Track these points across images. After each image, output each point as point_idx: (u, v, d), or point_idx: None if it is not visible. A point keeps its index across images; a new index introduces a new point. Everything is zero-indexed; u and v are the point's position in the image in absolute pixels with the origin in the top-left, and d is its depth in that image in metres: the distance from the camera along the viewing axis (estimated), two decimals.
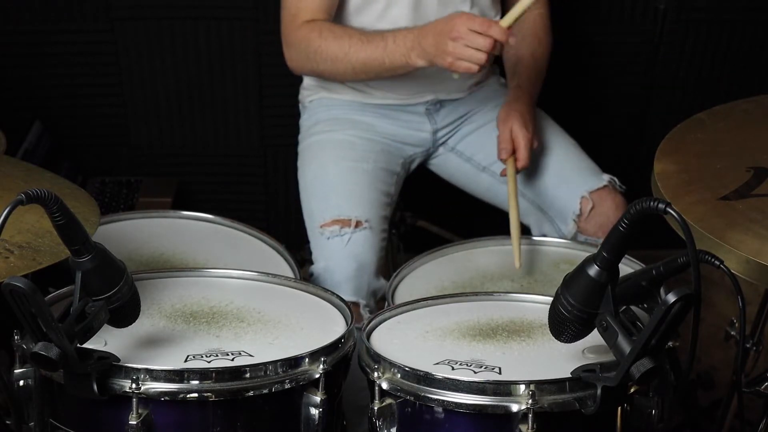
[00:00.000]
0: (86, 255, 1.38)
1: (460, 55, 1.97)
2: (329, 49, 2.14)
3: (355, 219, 2.14)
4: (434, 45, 2.01)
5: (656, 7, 2.84)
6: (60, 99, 2.89)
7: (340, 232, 2.13)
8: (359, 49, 2.12)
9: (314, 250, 2.20)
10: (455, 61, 1.98)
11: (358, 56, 2.12)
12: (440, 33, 2.00)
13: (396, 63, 2.10)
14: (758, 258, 1.43)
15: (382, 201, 2.25)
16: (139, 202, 2.84)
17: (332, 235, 2.13)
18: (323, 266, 2.14)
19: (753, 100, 1.95)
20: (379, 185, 2.26)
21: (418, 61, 2.06)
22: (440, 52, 2.00)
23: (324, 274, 2.13)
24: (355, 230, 2.13)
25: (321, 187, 2.25)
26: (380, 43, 2.10)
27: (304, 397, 1.51)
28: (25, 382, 1.53)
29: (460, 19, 1.98)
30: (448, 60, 1.99)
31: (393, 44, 2.08)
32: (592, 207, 2.22)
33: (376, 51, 2.10)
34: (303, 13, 2.18)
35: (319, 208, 2.20)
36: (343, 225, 2.13)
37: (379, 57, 2.10)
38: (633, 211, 1.33)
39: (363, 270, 2.11)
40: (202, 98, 2.91)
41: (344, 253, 2.12)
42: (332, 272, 2.12)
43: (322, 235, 2.15)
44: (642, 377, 1.37)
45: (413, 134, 2.39)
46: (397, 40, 2.08)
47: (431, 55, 2.03)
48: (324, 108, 2.39)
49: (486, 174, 2.38)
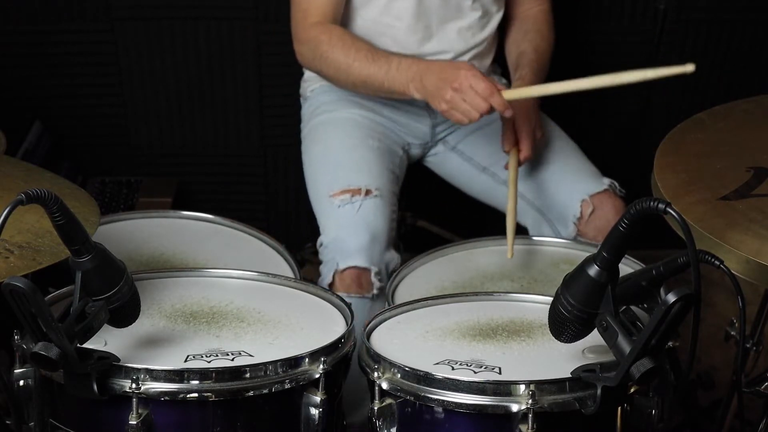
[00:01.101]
0: (86, 255, 1.38)
1: (456, 106, 2.02)
2: (334, 57, 2.16)
3: (366, 187, 2.13)
4: (434, 87, 2.04)
5: (656, 7, 2.85)
6: (60, 99, 2.89)
7: (351, 199, 2.12)
8: (362, 66, 2.14)
9: (323, 221, 2.17)
10: (450, 109, 2.03)
11: (360, 72, 2.14)
12: (444, 79, 2.03)
13: (394, 89, 2.13)
14: (758, 258, 1.43)
15: (389, 176, 2.24)
16: (139, 202, 2.84)
17: (343, 204, 2.12)
18: (334, 235, 2.11)
19: (753, 100, 1.95)
20: (386, 162, 2.26)
21: (415, 94, 2.10)
22: (438, 96, 2.04)
23: (335, 243, 2.10)
24: (366, 198, 2.12)
25: (327, 162, 2.24)
26: (384, 65, 2.12)
27: (304, 397, 1.51)
28: (25, 382, 1.53)
29: (467, 72, 2.01)
30: (443, 106, 2.04)
31: (395, 71, 2.11)
32: (593, 210, 2.22)
33: (379, 72, 2.12)
34: (313, 9, 2.19)
35: (326, 181, 2.19)
36: (353, 193, 2.13)
37: (379, 78, 2.13)
38: (633, 211, 1.33)
39: (375, 237, 2.09)
40: (202, 98, 2.91)
41: (355, 220, 2.09)
42: (343, 240, 2.09)
43: (332, 204, 2.13)
44: (642, 377, 1.37)
45: (413, 124, 2.38)
46: (401, 67, 2.11)
47: (429, 94, 2.06)
48: (326, 93, 2.39)
49: (485, 175, 2.38)
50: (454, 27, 2.27)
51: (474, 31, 2.30)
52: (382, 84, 2.13)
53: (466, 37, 2.29)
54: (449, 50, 2.27)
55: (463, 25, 2.28)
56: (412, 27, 2.24)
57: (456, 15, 2.26)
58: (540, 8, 2.40)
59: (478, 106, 2.00)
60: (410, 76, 2.09)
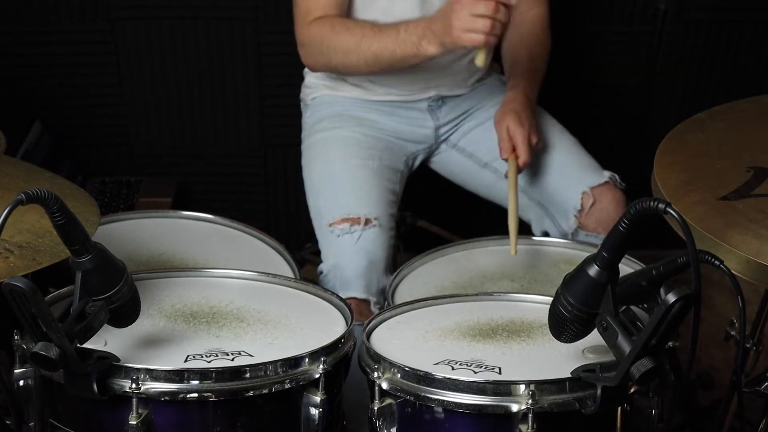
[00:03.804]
0: (86, 255, 1.38)
1: (465, 25, 1.96)
2: (341, 41, 2.15)
3: (365, 217, 2.14)
4: (442, 26, 2.01)
5: (656, 7, 2.85)
6: (60, 99, 2.89)
7: (350, 229, 2.13)
8: (371, 40, 2.12)
9: (323, 249, 2.20)
10: (461, 33, 1.97)
11: (371, 47, 2.12)
12: (445, 14, 2.00)
13: (407, 52, 2.09)
14: (758, 258, 1.43)
15: (389, 199, 2.25)
16: (139, 202, 2.84)
17: (342, 233, 2.13)
18: (333, 264, 2.14)
19: (753, 100, 1.95)
20: (386, 183, 2.27)
21: (429, 48, 2.05)
22: (448, 30, 1.99)
23: (334, 272, 2.13)
24: (365, 228, 2.13)
25: (328, 185, 2.25)
26: (392, 33, 2.10)
27: (304, 397, 1.51)
28: (25, 382, 1.53)
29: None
30: (454, 33, 1.98)
31: (404, 33, 2.09)
32: (593, 202, 2.23)
33: (388, 41, 2.10)
34: (314, 9, 2.19)
35: (327, 207, 2.20)
36: (353, 223, 2.14)
37: (390, 47, 2.10)
38: (633, 211, 1.33)
39: (373, 267, 2.11)
40: (202, 98, 2.91)
41: (354, 250, 2.12)
42: (342, 269, 2.11)
43: (332, 233, 2.15)
44: (642, 377, 1.37)
45: (416, 131, 2.39)
46: (408, 29, 2.09)
47: (440, 35, 2.02)
48: (327, 105, 2.39)
49: (487, 170, 2.38)
50: None
51: None
52: (394, 52, 2.11)
53: None
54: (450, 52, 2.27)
55: None
56: None
57: None
58: (536, 11, 2.40)
59: (484, 10, 1.94)
60: (420, 32, 2.06)
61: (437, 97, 2.38)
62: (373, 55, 2.13)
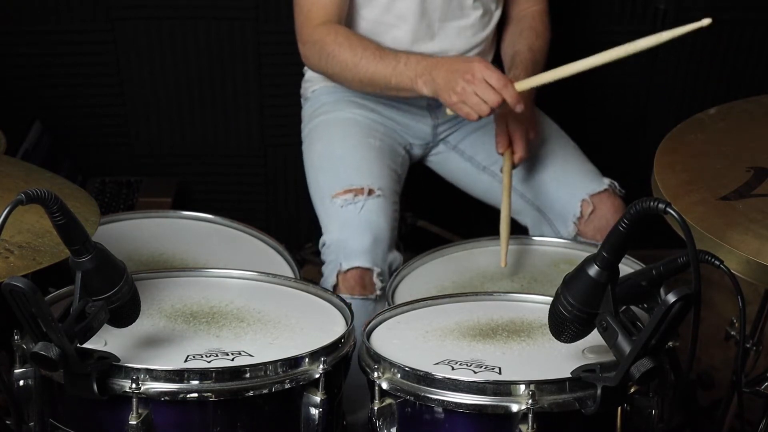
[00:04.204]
0: (86, 255, 1.38)
1: (467, 99, 1.99)
2: (342, 56, 2.15)
3: (368, 187, 2.13)
4: (445, 80, 2.02)
5: (656, 7, 2.84)
6: (60, 99, 2.89)
7: (354, 199, 2.11)
8: (370, 63, 2.13)
9: (326, 221, 2.15)
10: (459, 102, 2.00)
11: (368, 69, 2.13)
12: (455, 71, 2.01)
13: (401, 85, 2.10)
14: (758, 258, 1.43)
15: (391, 176, 2.24)
16: (139, 202, 2.84)
17: (345, 203, 2.11)
18: (337, 236, 2.10)
19: (753, 100, 1.95)
20: (387, 161, 2.26)
21: (423, 89, 2.07)
22: (448, 88, 2.01)
23: (338, 243, 2.09)
24: (369, 197, 2.11)
25: (329, 162, 2.24)
26: (392, 61, 2.11)
27: (304, 397, 1.51)
28: (25, 382, 1.53)
29: (479, 64, 2.00)
30: (453, 99, 2.00)
31: (404, 66, 2.09)
32: (593, 210, 2.22)
33: (386, 68, 2.11)
34: (317, 9, 2.19)
35: (328, 181, 2.18)
36: (356, 193, 2.12)
37: (387, 75, 2.11)
38: (633, 211, 1.32)
39: (377, 238, 2.08)
40: (202, 98, 2.91)
41: (358, 220, 2.09)
42: (346, 241, 2.08)
43: (334, 204, 2.12)
44: (642, 377, 1.37)
45: (414, 124, 2.38)
46: (409, 63, 2.09)
47: (439, 88, 2.03)
48: (327, 94, 2.39)
49: (486, 174, 2.38)
50: (455, 26, 2.27)
51: (475, 30, 2.30)
52: (389, 81, 2.12)
53: (467, 36, 2.29)
54: (451, 50, 2.27)
55: (464, 24, 2.28)
56: (414, 26, 2.24)
57: (458, 14, 2.26)
58: (536, 8, 2.40)
59: (490, 99, 1.97)
60: (419, 71, 2.07)
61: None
62: (368, 78, 2.14)
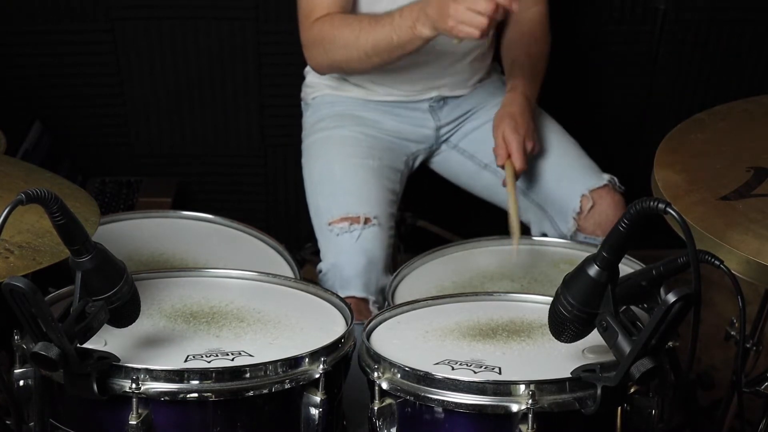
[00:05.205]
0: (86, 255, 1.38)
1: (461, 18, 1.94)
2: (341, 36, 2.15)
3: (364, 216, 2.14)
4: (437, 10, 1.99)
5: (656, 7, 2.85)
6: (60, 99, 2.89)
7: (350, 228, 2.13)
8: (369, 31, 2.11)
9: (322, 248, 2.19)
10: (457, 24, 1.95)
11: (368, 38, 2.12)
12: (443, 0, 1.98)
13: (404, 37, 2.08)
14: (758, 258, 1.43)
15: (388, 198, 2.25)
16: (139, 202, 2.84)
17: (341, 232, 2.13)
18: (332, 263, 2.13)
19: (753, 100, 1.95)
20: (386, 182, 2.27)
21: (424, 31, 2.04)
22: (442, 15, 1.97)
23: (333, 271, 2.12)
24: (365, 227, 2.13)
25: (328, 184, 2.24)
26: (387, 22, 2.10)
27: (304, 397, 1.51)
28: (25, 382, 1.53)
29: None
30: (449, 23, 1.96)
31: (399, 18, 2.08)
32: (592, 205, 2.23)
33: (384, 29, 2.10)
34: (318, 9, 2.19)
35: (326, 206, 2.20)
36: (352, 222, 2.13)
37: (387, 34, 2.09)
38: (633, 211, 1.32)
39: (372, 266, 2.11)
40: (202, 98, 2.91)
41: (354, 249, 2.11)
42: (341, 268, 2.11)
43: (331, 231, 2.15)
44: (642, 377, 1.37)
45: (417, 131, 2.39)
46: (403, 14, 2.08)
47: (434, 20, 2.00)
48: (327, 105, 2.39)
49: (487, 172, 2.38)
50: None
51: None
52: (391, 40, 2.09)
53: None
54: (452, 50, 2.27)
55: None
56: None
57: None
58: (536, 9, 2.39)
59: (483, 8, 1.92)
60: (414, 16, 2.05)
61: (438, 97, 2.38)
62: (372, 46, 2.12)
